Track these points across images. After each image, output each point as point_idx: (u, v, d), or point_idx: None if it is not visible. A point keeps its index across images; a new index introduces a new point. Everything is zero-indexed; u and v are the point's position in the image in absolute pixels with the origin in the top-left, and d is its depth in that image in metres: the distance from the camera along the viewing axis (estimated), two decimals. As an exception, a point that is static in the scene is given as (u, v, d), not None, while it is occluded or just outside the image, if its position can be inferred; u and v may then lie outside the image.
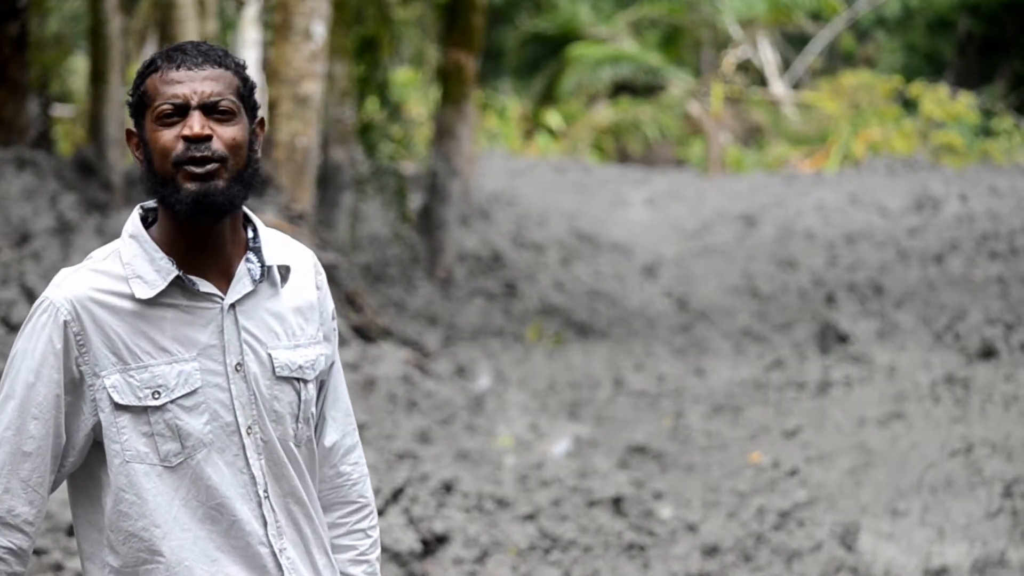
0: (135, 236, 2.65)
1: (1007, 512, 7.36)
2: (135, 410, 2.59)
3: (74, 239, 9.78)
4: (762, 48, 30.34)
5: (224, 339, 2.63)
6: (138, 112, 2.64)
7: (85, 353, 2.58)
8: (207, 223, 2.60)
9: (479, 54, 16.05)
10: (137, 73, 2.65)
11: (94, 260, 2.65)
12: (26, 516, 2.57)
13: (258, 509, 2.65)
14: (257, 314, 2.68)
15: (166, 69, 2.61)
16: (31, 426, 2.56)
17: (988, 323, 11.44)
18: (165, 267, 2.61)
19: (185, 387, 2.60)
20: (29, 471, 2.57)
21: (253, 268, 2.70)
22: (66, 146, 18.69)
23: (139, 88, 2.63)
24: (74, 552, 5.71)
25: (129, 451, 2.59)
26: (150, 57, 2.66)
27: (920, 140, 25.69)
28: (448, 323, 13.44)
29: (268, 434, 2.66)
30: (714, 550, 7.31)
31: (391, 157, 15.68)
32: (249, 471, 2.64)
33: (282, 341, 2.70)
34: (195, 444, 2.60)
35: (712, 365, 12.00)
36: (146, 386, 2.59)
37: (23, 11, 12.11)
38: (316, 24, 10.52)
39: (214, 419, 2.62)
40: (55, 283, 2.62)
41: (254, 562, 2.65)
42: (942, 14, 30.64)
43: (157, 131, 2.59)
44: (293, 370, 2.70)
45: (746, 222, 19.61)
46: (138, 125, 2.64)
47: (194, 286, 2.62)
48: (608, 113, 28.96)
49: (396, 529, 6.76)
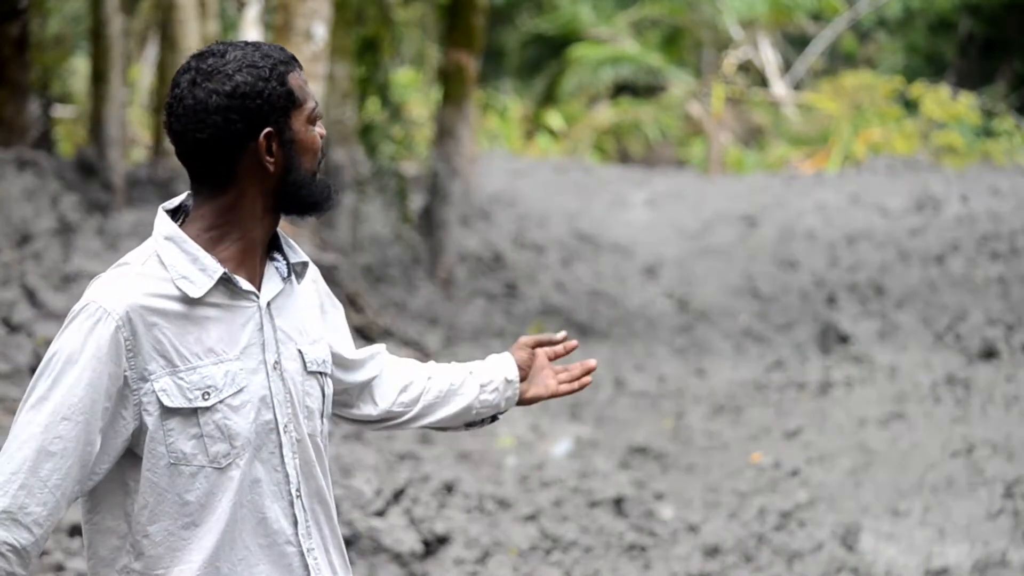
0: (171, 238, 2.63)
1: (1008, 512, 7.36)
2: (185, 412, 2.58)
3: (75, 240, 9.78)
4: (763, 49, 30.33)
5: (263, 337, 2.66)
6: (282, 112, 2.63)
7: (133, 358, 2.56)
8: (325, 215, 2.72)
9: (480, 55, 16.05)
10: (267, 69, 2.61)
11: (132, 265, 2.62)
12: (37, 516, 2.52)
13: (289, 508, 2.67)
14: (286, 311, 2.72)
15: (298, 70, 2.66)
16: (60, 426, 2.52)
17: (989, 324, 11.43)
18: (210, 266, 2.61)
19: (233, 387, 2.61)
20: (50, 471, 2.52)
21: (280, 266, 2.74)
22: (67, 147, 18.69)
23: (283, 85, 2.62)
24: (75, 553, 5.70)
25: (175, 453, 2.58)
26: (275, 54, 2.64)
27: (921, 141, 25.68)
28: (449, 324, 13.43)
29: (301, 432, 2.69)
30: (715, 551, 7.31)
31: (392, 158, 15.67)
32: (284, 469, 2.66)
33: (306, 337, 2.75)
34: (243, 444, 2.61)
35: (713, 366, 12.00)
36: (196, 387, 2.58)
37: (24, 12, 12.11)
38: (317, 25, 10.52)
39: (258, 417, 2.63)
40: (101, 287, 2.59)
41: (281, 561, 2.65)
42: (943, 15, 30.63)
43: (312, 131, 2.66)
44: (319, 365, 2.75)
45: (747, 223, 19.61)
46: (277, 123, 2.63)
47: (237, 284, 2.63)
48: (609, 114, 28.96)
49: (397, 530, 6.76)
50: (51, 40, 17.81)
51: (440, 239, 15.32)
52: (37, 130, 14.77)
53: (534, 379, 3.12)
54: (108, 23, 13.06)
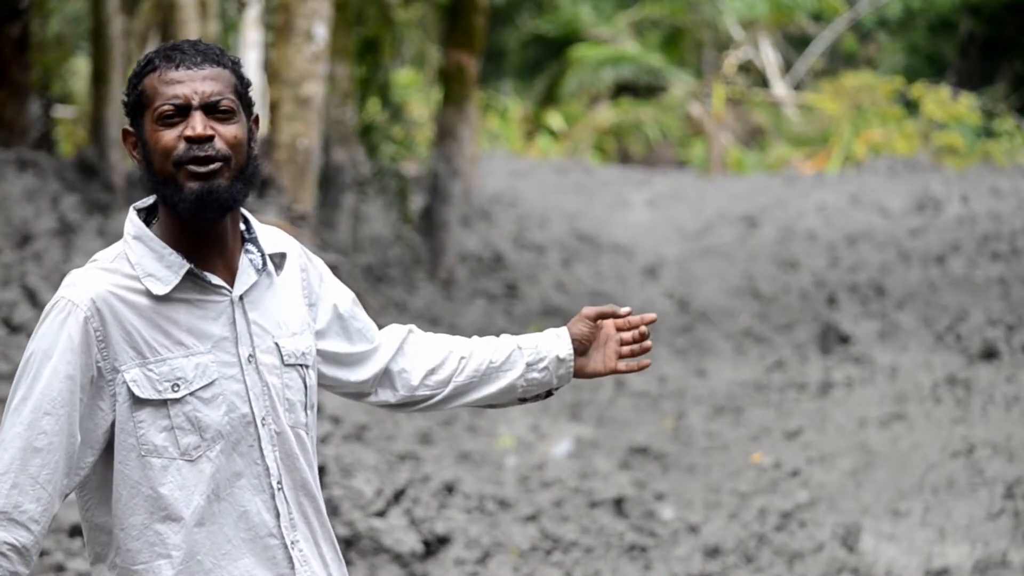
0: (139, 236, 2.65)
1: (1008, 513, 7.36)
2: (155, 403, 2.59)
3: (75, 240, 9.78)
4: (763, 49, 30.33)
5: (236, 331, 2.65)
6: (136, 111, 2.64)
7: (104, 349, 2.58)
8: (211, 221, 2.62)
9: (480, 55, 16.05)
10: (133, 72, 2.64)
11: (100, 261, 2.65)
12: (32, 513, 2.54)
13: (271, 501, 2.66)
14: (262, 304, 2.71)
15: (165, 69, 2.61)
16: (43, 422, 2.54)
17: (989, 324, 11.43)
18: (176, 262, 2.62)
19: (203, 379, 2.61)
20: (39, 467, 2.54)
21: (254, 259, 2.73)
22: (67, 147, 18.69)
23: (136, 87, 2.63)
24: (75, 553, 5.71)
25: (146, 445, 2.59)
26: (146, 56, 2.66)
27: (921, 141, 25.68)
28: (450, 324, 13.43)
29: (281, 425, 2.68)
30: (716, 551, 7.32)
31: (392, 158, 15.67)
32: (263, 462, 2.66)
33: (284, 329, 2.73)
34: (214, 436, 2.61)
35: (713, 366, 12.00)
36: (165, 379, 2.59)
37: (24, 12, 12.11)
38: (317, 25, 10.52)
39: (231, 411, 2.63)
40: (69, 283, 2.62)
41: (265, 554, 2.65)
42: (944, 15, 30.63)
43: (158, 131, 2.60)
44: (298, 357, 2.74)
45: (747, 223, 19.61)
46: (135, 124, 2.64)
47: (205, 279, 2.63)
48: (609, 114, 28.95)
49: (398, 530, 6.76)
50: (52, 41, 17.82)
51: (441, 239, 15.31)
52: (38, 130, 14.77)
53: (594, 353, 2.97)
54: (109, 24, 13.06)
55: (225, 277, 2.67)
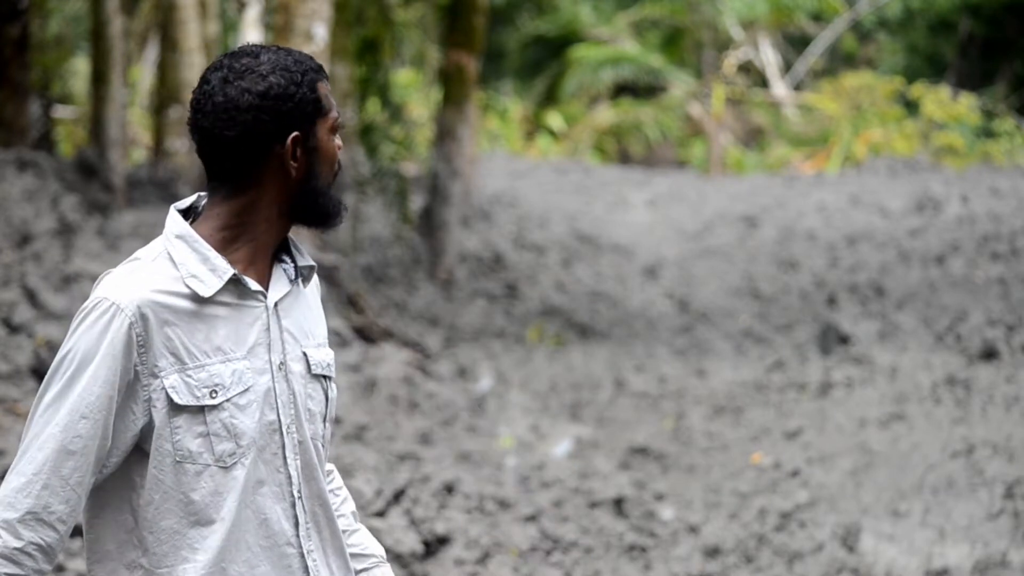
0: (183, 236, 2.64)
1: (1008, 513, 7.36)
2: (192, 410, 2.59)
3: (75, 240, 9.78)
4: (763, 49, 30.34)
5: (270, 337, 2.66)
6: (308, 117, 2.64)
7: (144, 354, 2.57)
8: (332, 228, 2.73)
9: (480, 55, 16.05)
10: (298, 74, 2.62)
11: (143, 261, 2.64)
12: (60, 514, 2.55)
13: (291, 509, 2.68)
14: (293, 313, 2.72)
15: (325, 80, 2.67)
16: (80, 425, 2.54)
17: (989, 324, 11.43)
18: (220, 266, 2.62)
19: (239, 385, 2.62)
20: (71, 470, 2.54)
21: (288, 268, 2.75)
22: (67, 147, 18.70)
23: (313, 92, 2.64)
24: (75, 553, 5.71)
25: (181, 451, 2.59)
26: (307, 61, 2.65)
27: (921, 141, 25.69)
28: (449, 324, 13.44)
29: (303, 434, 2.70)
30: (715, 551, 7.32)
31: (392, 158, 15.68)
32: (286, 470, 2.67)
33: (311, 340, 2.75)
34: (248, 443, 2.62)
35: (713, 366, 12.00)
36: (204, 385, 2.59)
37: (24, 12, 12.12)
38: (317, 26, 10.52)
39: (261, 417, 2.64)
40: (112, 284, 2.60)
41: (281, 562, 2.67)
42: (943, 15, 30.63)
43: (332, 140, 2.67)
44: (324, 368, 2.76)
45: (747, 223, 19.61)
46: (304, 129, 2.64)
47: (245, 284, 2.64)
48: (609, 114, 28.96)
49: (397, 530, 6.76)
50: (51, 41, 17.81)
51: (440, 240, 15.32)
52: (37, 131, 14.77)
53: None
54: (108, 24, 13.07)
55: (261, 284, 2.69)
